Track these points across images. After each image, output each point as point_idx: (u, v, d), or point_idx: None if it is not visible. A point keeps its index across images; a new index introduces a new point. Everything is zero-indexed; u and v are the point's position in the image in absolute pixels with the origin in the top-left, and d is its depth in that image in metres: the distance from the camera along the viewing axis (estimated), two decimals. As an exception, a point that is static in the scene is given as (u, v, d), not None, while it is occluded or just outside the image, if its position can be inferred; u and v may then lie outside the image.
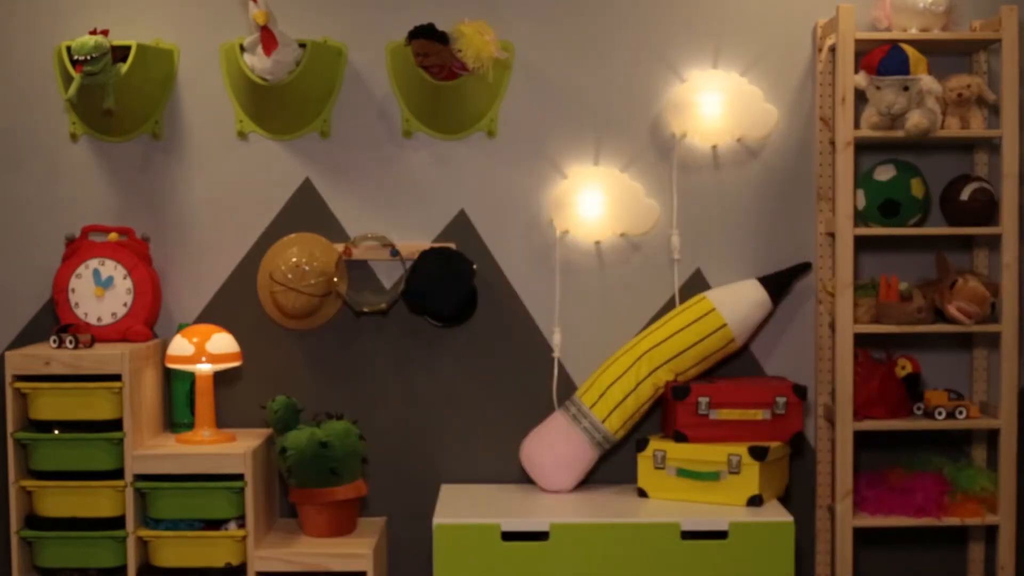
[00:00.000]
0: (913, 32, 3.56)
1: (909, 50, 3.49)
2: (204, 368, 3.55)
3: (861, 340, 3.60)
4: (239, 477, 3.46)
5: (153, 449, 3.51)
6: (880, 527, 3.60)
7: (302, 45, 3.58)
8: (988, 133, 3.58)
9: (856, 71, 3.51)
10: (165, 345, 3.67)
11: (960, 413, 3.57)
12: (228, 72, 3.76)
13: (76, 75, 3.47)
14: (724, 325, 3.63)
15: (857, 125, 3.56)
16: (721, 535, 3.39)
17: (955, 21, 3.62)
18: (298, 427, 3.61)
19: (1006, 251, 3.56)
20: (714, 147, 3.79)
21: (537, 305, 3.82)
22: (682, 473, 3.58)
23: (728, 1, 3.78)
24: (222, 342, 3.58)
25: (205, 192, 3.81)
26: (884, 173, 3.62)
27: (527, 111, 3.78)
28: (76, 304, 3.67)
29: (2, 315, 3.81)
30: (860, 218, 3.65)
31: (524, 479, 3.76)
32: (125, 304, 3.67)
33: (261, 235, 3.80)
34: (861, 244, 3.68)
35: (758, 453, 3.52)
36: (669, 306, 3.79)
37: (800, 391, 3.60)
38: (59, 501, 3.47)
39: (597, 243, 3.81)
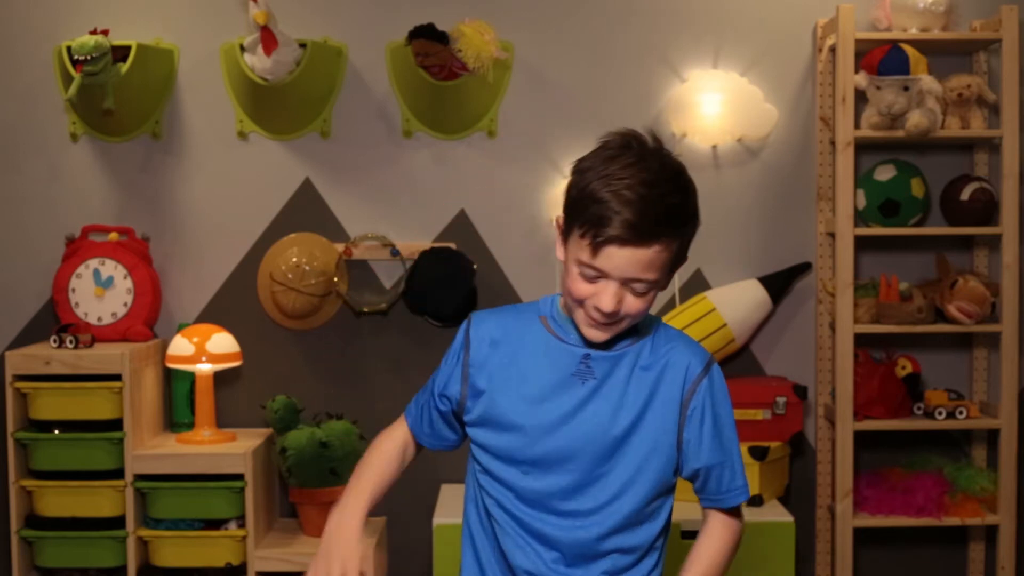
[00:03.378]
0: (913, 32, 3.56)
1: (909, 50, 3.49)
2: (204, 368, 3.55)
3: (861, 340, 3.60)
4: (239, 477, 3.46)
5: (153, 449, 3.51)
6: (880, 527, 3.60)
7: (302, 45, 3.58)
8: (988, 133, 3.58)
9: (856, 71, 3.51)
10: (165, 345, 3.67)
11: (960, 413, 3.57)
12: (228, 72, 3.76)
13: (76, 75, 3.47)
14: (724, 325, 3.63)
15: (857, 125, 3.56)
16: (721, 535, 3.39)
17: (955, 21, 3.62)
18: (298, 427, 3.61)
19: (1006, 251, 3.56)
20: (714, 147, 3.79)
21: (537, 305, 3.81)
22: (682, 473, 3.57)
23: (728, 1, 3.78)
24: (222, 342, 3.58)
25: (205, 192, 3.81)
26: (884, 173, 3.62)
27: (527, 111, 3.78)
28: (76, 304, 3.67)
29: (2, 315, 3.81)
30: (860, 218, 3.65)
31: (524, 479, 3.75)
32: (125, 304, 3.67)
33: (261, 235, 3.80)
34: (861, 244, 3.68)
35: (758, 453, 3.52)
36: (669, 306, 3.79)
37: (800, 391, 3.60)
38: (59, 501, 3.47)
39: (597, 243, 3.80)
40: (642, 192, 1.73)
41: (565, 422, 1.85)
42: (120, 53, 3.56)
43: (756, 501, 3.52)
